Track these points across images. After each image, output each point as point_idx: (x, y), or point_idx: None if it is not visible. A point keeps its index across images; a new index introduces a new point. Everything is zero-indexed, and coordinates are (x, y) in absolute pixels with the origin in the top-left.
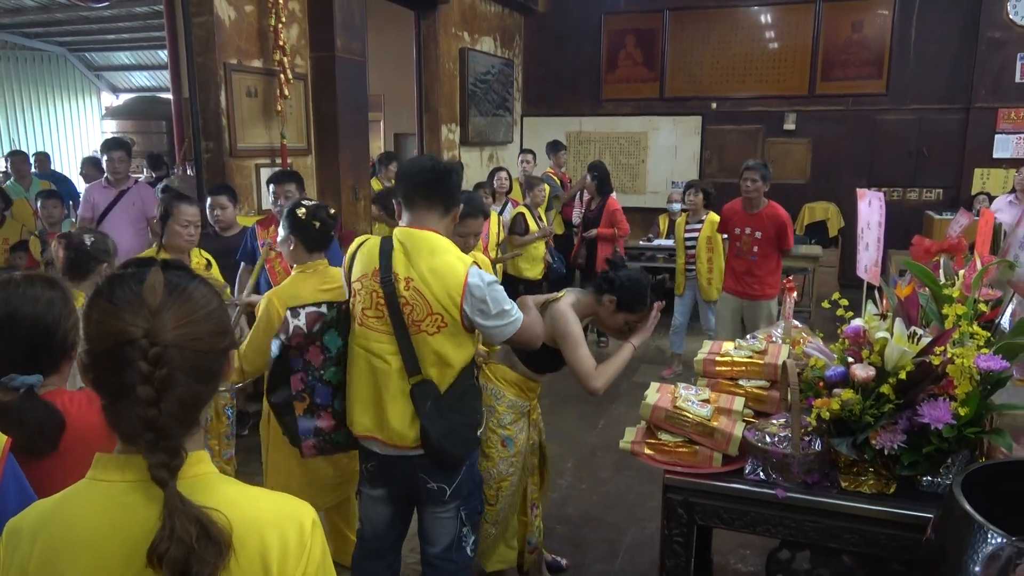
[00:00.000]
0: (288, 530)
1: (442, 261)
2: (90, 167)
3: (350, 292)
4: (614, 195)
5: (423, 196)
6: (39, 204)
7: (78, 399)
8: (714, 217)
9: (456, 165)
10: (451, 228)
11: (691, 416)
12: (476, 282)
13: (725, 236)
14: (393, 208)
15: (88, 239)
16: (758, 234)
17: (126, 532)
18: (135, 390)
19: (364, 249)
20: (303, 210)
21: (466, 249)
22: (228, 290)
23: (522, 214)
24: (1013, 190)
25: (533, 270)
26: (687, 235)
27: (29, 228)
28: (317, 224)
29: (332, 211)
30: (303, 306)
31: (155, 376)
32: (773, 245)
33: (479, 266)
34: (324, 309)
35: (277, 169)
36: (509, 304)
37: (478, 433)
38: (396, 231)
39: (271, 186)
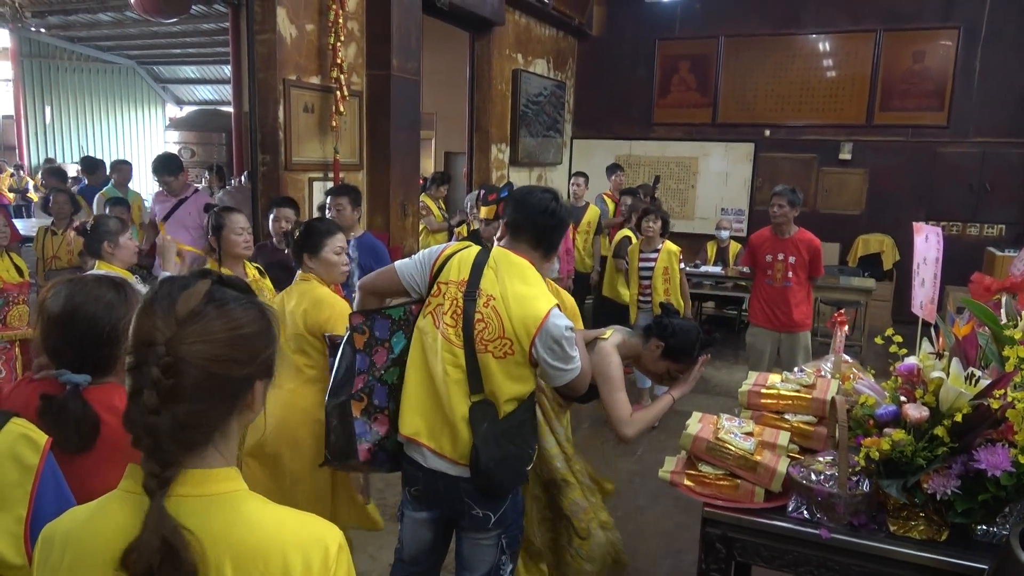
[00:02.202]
0: (312, 553)
1: (529, 291)
2: (49, 176)
3: (429, 291)
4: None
5: (533, 235)
6: (107, 210)
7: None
8: (671, 247)
9: (567, 214)
10: (543, 268)
11: (733, 449)
12: (556, 322)
13: (744, 268)
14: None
15: (89, 224)
16: (792, 259)
17: (115, 542)
18: (143, 393)
19: (460, 256)
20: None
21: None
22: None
23: (627, 237)
24: None
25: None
26: (641, 264)
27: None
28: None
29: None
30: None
31: (162, 384)
32: (806, 271)
33: (561, 308)
34: (393, 312)
35: (334, 183)
36: (576, 352)
37: (527, 469)
38: (495, 250)
39: (328, 198)
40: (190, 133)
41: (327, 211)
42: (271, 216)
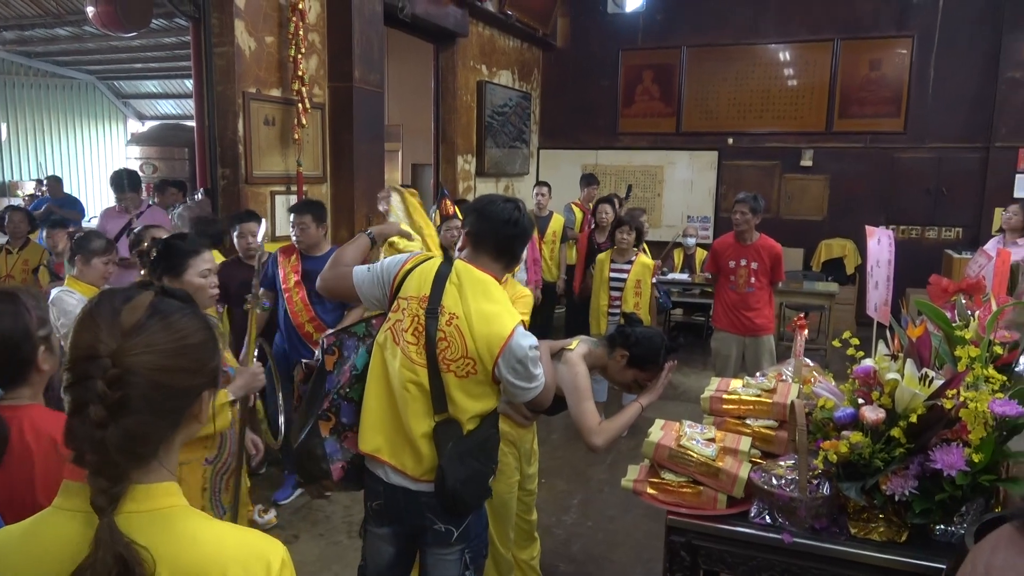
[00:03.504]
0: (254, 569)
1: (492, 310)
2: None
3: (391, 306)
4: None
5: (495, 246)
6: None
7: (44, 418)
8: (646, 260)
9: (529, 223)
10: (502, 278)
11: (695, 455)
12: (520, 342)
13: (708, 275)
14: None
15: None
16: (754, 265)
17: (59, 564)
18: (88, 408)
19: (421, 270)
20: None
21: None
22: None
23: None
24: (1001, 230)
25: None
26: (612, 275)
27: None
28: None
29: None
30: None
31: (109, 398)
32: (768, 277)
33: (525, 325)
34: (357, 328)
35: (298, 196)
36: (539, 369)
37: (490, 483)
38: (457, 263)
39: (292, 216)
40: (152, 148)
41: (291, 229)
42: (235, 232)
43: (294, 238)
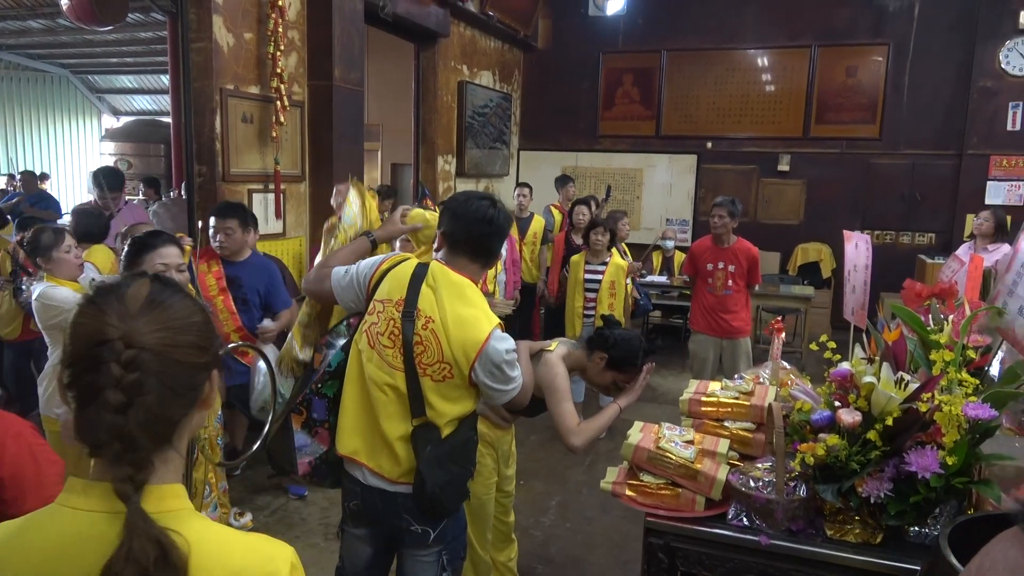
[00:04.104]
0: (262, 574)
1: (469, 313)
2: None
3: (367, 307)
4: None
5: (471, 247)
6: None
7: None
8: (620, 261)
9: (506, 219)
10: (479, 278)
11: (674, 457)
12: (496, 346)
13: (686, 277)
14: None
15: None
16: (731, 267)
17: (80, 563)
18: (104, 394)
19: (397, 272)
20: None
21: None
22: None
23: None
24: (972, 236)
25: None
26: (587, 276)
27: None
28: None
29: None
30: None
31: (126, 380)
32: (745, 280)
33: (502, 328)
34: (339, 328)
35: (276, 195)
36: (516, 371)
37: (468, 485)
38: (433, 265)
39: (213, 219)
40: (127, 144)
41: (212, 236)
42: (211, 227)
43: (216, 244)
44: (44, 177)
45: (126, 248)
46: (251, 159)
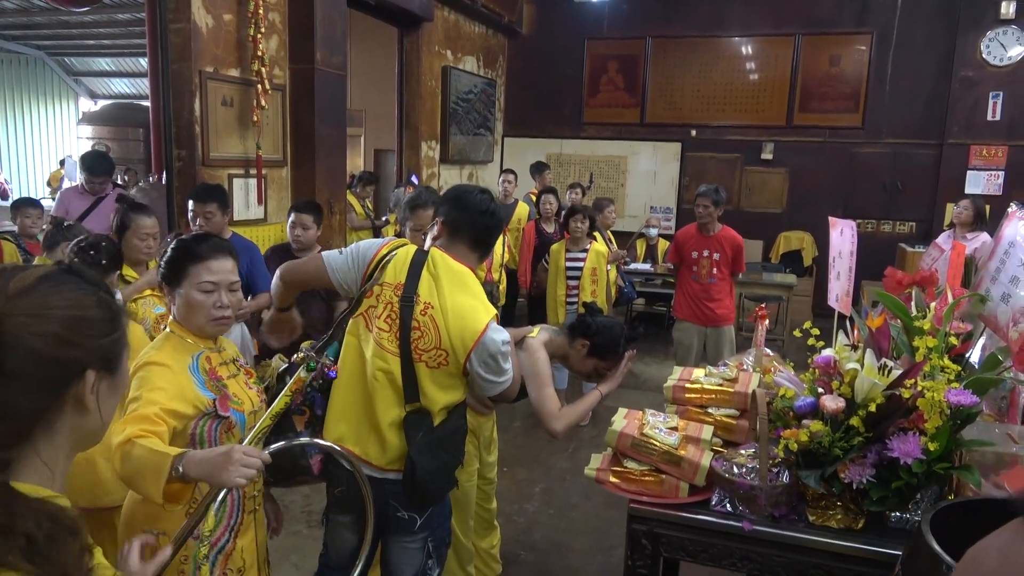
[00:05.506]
0: None
1: (468, 303)
2: None
3: (363, 291)
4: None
5: (472, 236)
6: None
7: None
8: (600, 248)
9: (502, 215)
10: (476, 268)
11: (658, 444)
12: (493, 337)
13: (671, 265)
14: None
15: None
16: (716, 256)
17: None
18: None
19: (397, 258)
20: None
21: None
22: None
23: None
24: (952, 224)
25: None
26: (568, 264)
27: None
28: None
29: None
30: None
31: None
32: (730, 268)
33: (498, 320)
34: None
35: (257, 180)
36: (509, 363)
37: (456, 473)
38: (433, 251)
39: (192, 203)
40: (105, 128)
41: (191, 220)
42: (189, 211)
43: (197, 228)
44: None
45: (168, 253)
46: (231, 143)
